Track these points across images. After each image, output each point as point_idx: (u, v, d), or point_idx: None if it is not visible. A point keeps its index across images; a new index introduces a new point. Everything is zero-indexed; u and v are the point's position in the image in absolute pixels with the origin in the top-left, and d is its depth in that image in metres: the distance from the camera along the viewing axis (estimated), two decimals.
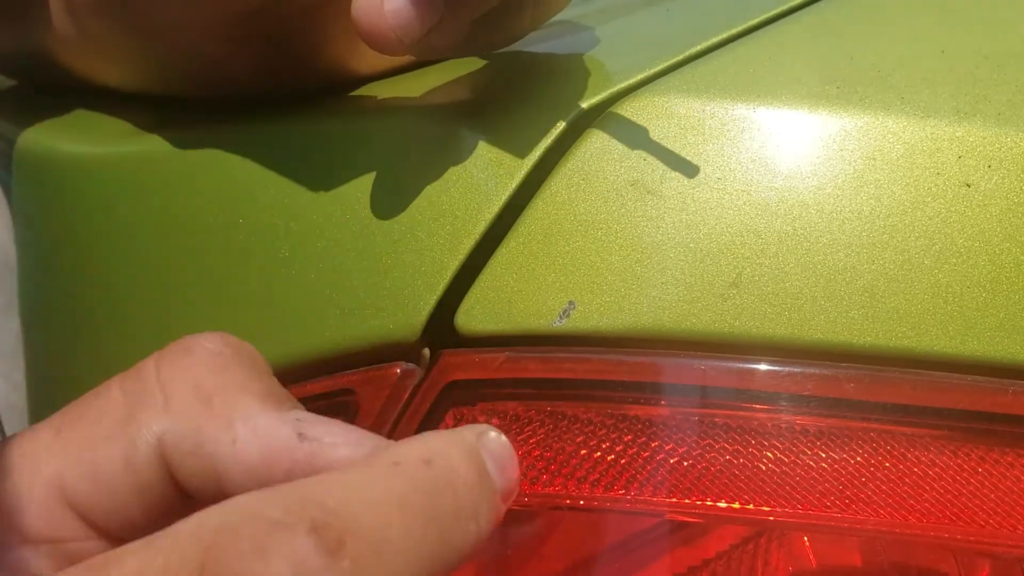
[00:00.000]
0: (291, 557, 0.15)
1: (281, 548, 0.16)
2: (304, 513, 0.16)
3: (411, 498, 0.18)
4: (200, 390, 0.20)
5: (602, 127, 0.26)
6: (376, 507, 0.17)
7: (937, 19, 0.30)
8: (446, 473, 0.18)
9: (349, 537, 0.16)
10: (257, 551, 0.15)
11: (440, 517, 0.18)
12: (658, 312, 0.25)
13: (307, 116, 0.32)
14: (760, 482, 0.24)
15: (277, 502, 0.16)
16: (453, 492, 0.18)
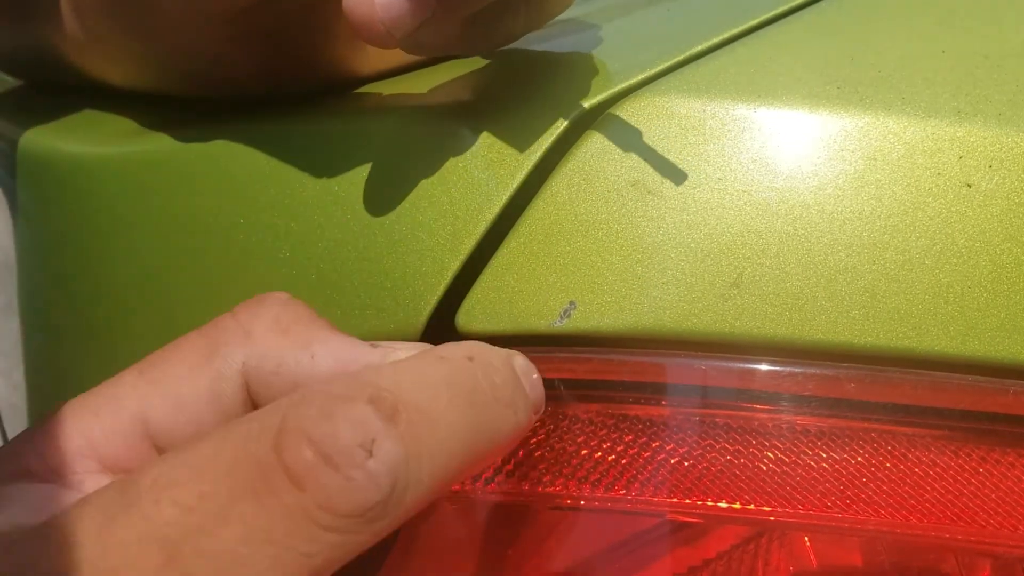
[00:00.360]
0: (353, 419, 0.18)
1: (344, 413, 0.18)
2: (363, 390, 0.18)
3: (456, 381, 0.20)
4: (278, 322, 0.22)
5: (603, 127, 0.26)
6: (425, 386, 0.19)
7: (938, 19, 0.30)
8: (485, 367, 0.21)
9: (402, 406, 0.19)
10: (325, 415, 0.18)
11: (481, 399, 0.20)
12: (659, 312, 0.25)
13: (307, 116, 0.32)
14: (761, 482, 0.24)
15: (340, 383, 0.19)
16: (491, 382, 0.21)
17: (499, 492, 0.26)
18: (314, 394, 0.18)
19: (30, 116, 0.41)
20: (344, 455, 0.17)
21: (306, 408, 0.18)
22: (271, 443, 0.17)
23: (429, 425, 0.19)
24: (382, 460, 0.18)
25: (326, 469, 0.17)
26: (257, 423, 0.18)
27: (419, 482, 0.18)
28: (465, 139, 0.28)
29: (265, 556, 0.17)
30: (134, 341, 0.34)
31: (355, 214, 0.28)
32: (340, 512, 0.17)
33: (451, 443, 0.19)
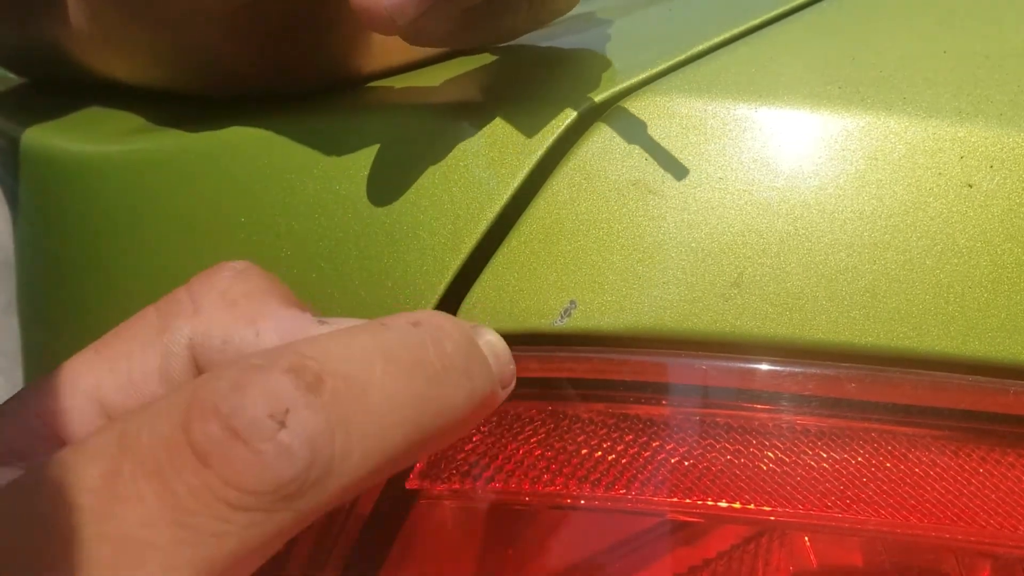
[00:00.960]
0: (265, 389, 0.16)
1: (256, 384, 0.17)
2: (282, 360, 0.17)
3: (396, 349, 0.18)
4: (226, 296, 0.21)
5: (604, 126, 0.26)
6: (359, 355, 0.18)
7: (939, 19, 0.30)
8: (433, 331, 0.19)
9: (328, 376, 0.17)
10: (235, 387, 0.16)
11: (428, 367, 0.19)
12: (659, 312, 0.25)
13: (308, 114, 0.32)
14: (761, 482, 0.24)
15: (260, 354, 0.17)
16: (440, 348, 0.19)
17: (499, 492, 0.26)
18: (228, 367, 0.17)
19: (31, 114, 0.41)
20: (251, 428, 0.16)
21: (216, 381, 0.17)
22: (178, 420, 0.16)
23: (359, 395, 0.17)
24: (296, 431, 0.16)
25: (233, 443, 0.16)
26: (167, 400, 0.17)
27: (348, 459, 0.17)
28: (466, 138, 0.28)
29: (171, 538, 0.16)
30: None
31: (356, 212, 0.28)
32: (248, 489, 0.16)
33: (390, 416, 0.18)
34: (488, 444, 0.26)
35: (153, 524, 0.16)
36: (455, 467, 0.26)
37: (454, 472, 0.26)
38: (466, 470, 0.26)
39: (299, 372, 0.17)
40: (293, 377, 0.17)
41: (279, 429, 0.16)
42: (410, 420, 0.18)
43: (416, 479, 0.26)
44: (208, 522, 0.16)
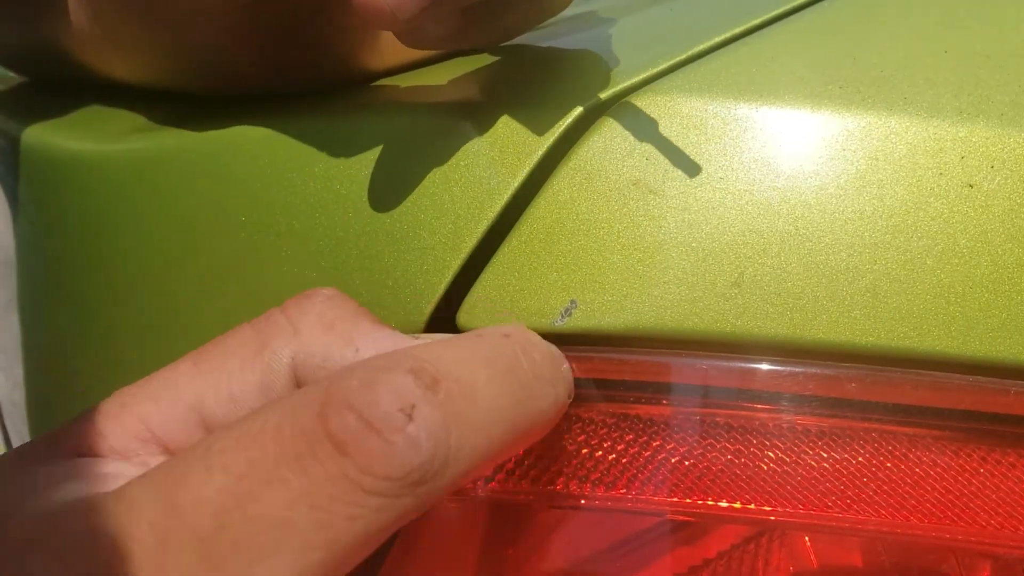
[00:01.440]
0: (393, 387, 0.19)
1: (385, 383, 0.19)
2: (404, 362, 0.19)
3: (495, 358, 0.21)
4: (323, 318, 0.23)
5: (604, 126, 0.26)
6: (465, 361, 0.20)
7: (940, 19, 0.30)
8: (523, 343, 0.22)
9: (443, 379, 0.19)
10: (366, 384, 0.18)
11: (522, 375, 0.21)
12: (660, 311, 0.25)
13: (308, 114, 0.32)
14: (761, 482, 0.24)
15: (381, 357, 0.20)
16: (531, 359, 0.21)
17: (500, 491, 0.26)
18: (356, 366, 0.19)
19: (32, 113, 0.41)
20: (384, 420, 0.18)
21: (348, 379, 0.19)
22: (315, 412, 0.18)
23: (469, 397, 0.19)
24: (421, 425, 0.18)
25: (368, 434, 0.18)
26: (302, 395, 0.19)
27: (461, 452, 0.19)
28: (467, 137, 0.28)
29: (310, 520, 0.17)
30: (135, 338, 0.34)
31: (356, 212, 0.28)
32: (381, 475, 0.18)
33: (492, 416, 0.20)
34: None
35: (295, 506, 0.18)
36: None
37: None
38: None
39: (418, 373, 0.19)
40: (414, 378, 0.19)
41: (408, 422, 0.18)
42: (508, 420, 0.20)
43: None
44: (343, 506, 0.18)
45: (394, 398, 0.18)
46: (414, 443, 0.18)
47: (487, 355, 0.21)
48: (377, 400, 0.18)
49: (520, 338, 0.22)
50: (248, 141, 0.31)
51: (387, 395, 0.18)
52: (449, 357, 0.20)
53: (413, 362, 0.19)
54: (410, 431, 0.18)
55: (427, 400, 0.19)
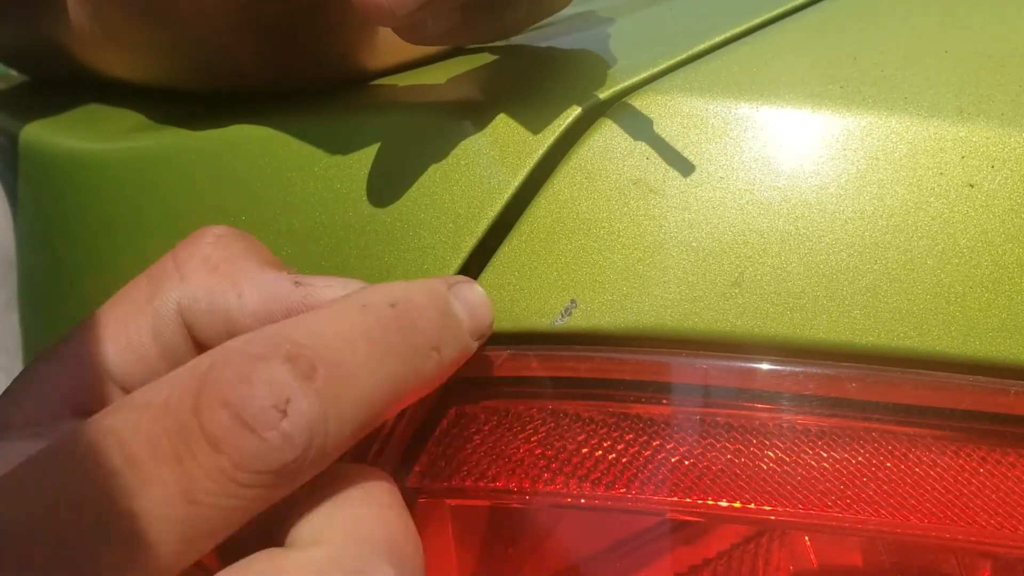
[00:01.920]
0: (268, 380, 0.18)
1: (261, 374, 0.18)
2: (280, 348, 0.19)
3: (375, 332, 0.21)
4: (208, 261, 0.24)
5: (605, 125, 0.26)
6: (344, 339, 0.20)
7: (940, 19, 0.30)
8: (408, 311, 0.21)
9: (320, 364, 0.19)
10: (241, 378, 0.18)
11: (401, 346, 0.21)
12: (660, 311, 0.25)
13: (308, 113, 0.32)
14: (761, 482, 0.24)
15: (258, 340, 0.19)
16: (414, 327, 0.21)
17: (499, 491, 0.26)
18: (232, 353, 0.19)
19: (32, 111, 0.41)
20: (258, 417, 0.18)
21: (222, 370, 0.19)
22: (190, 406, 0.18)
23: (347, 379, 0.20)
24: (296, 419, 0.18)
25: (242, 431, 0.18)
26: (178, 386, 0.19)
27: (339, 434, 0.19)
28: (467, 136, 0.28)
29: (189, 514, 0.18)
30: None
31: (357, 211, 0.28)
32: (256, 470, 0.18)
33: (371, 394, 0.20)
34: (488, 443, 0.26)
35: (174, 503, 0.18)
36: (456, 466, 0.26)
37: (455, 471, 0.26)
38: (467, 469, 0.26)
39: (295, 361, 0.19)
40: (291, 367, 0.19)
41: (282, 418, 0.18)
42: (387, 392, 0.21)
43: (416, 478, 0.26)
44: (222, 499, 0.18)
45: (268, 392, 0.18)
46: (288, 439, 0.18)
47: (368, 329, 0.21)
48: (252, 395, 0.18)
49: (406, 306, 0.21)
50: (249, 140, 0.31)
51: (261, 389, 0.18)
52: (330, 334, 0.20)
53: (291, 347, 0.19)
54: (284, 427, 0.18)
55: (303, 392, 0.19)
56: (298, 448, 0.18)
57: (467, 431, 0.26)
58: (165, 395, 0.19)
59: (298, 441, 0.18)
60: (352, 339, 0.20)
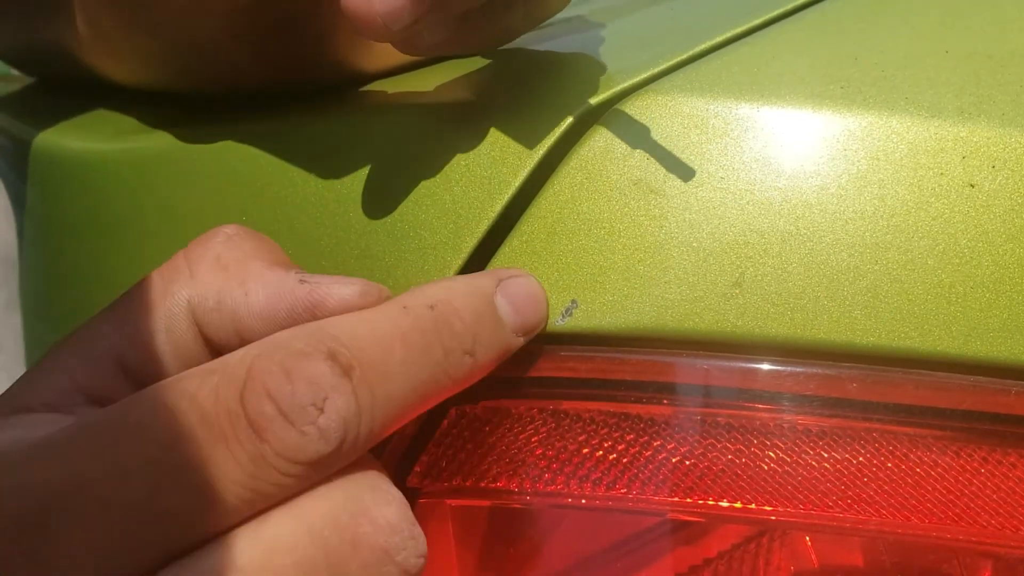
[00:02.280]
0: (310, 376, 0.20)
1: (302, 371, 0.20)
2: (322, 345, 0.20)
3: (412, 335, 0.22)
4: (219, 260, 0.25)
5: (606, 126, 0.26)
6: (382, 340, 0.21)
7: (941, 19, 0.30)
8: (446, 314, 0.23)
9: (357, 363, 0.21)
10: (284, 372, 0.20)
11: (436, 349, 0.22)
12: (661, 311, 0.25)
13: (310, 114, 0.32)
14: (762, 482, 0.24)
15: (301, 336, 0.21)
16: (451, 331, 0.22)
17: (500, 490, 0.26)
18: (277, 347, 0.20)
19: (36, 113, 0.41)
20: (299, 412, 0.20)
21: (267, 362, 0.20)
22: (236, 394, 0.20)
23: (382, 379, 0.21)
24: (333, 416, 0.20)
25: (284, 423, 0.19)
26: (228, 375, 0.20)
27: (371, 430, 0.21)
28: (468, 137, 0.28)
29: (230, 495, 0.19)
30: None
31: (357, 212, 0.28)
32: (295, 460, 0.20)
33: (404, 394, 0.21)
34: (489, 443, 0.26)
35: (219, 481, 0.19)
36: (456, 466, 0.26)
37: (455, 471, 0.26)
38: (467, 469, 0.26)
39: (335, 358, 0.20)
40: (330, 365, 0.20)
41: (320, 414, 0.20)
42: (419, 392, 0.22)
43: (417, 478, 0.26)
44: (261, 484, 0.19)
45: (309, 389, 0.20)
46: (324, 434, 0.20)
47: (405, 332, 0.22)
48: (293, 391, 0.20)
49: (445, 310, 0.23)
50: (250, 141, 0.31)
51: (303, 385, 0.20)
52: (369, 334, 0.21)
53: (331, 344, 0.20)
54: (321, 423, 0.20)
55: (341, 390, 0.20)
56: (333, 442, 0.20)
57: (468, 431, 0.26)
58: (215, 382, 0.20)
59: (333, 436, 0.20)
60: (390, 341, 0.21)
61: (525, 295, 0.25)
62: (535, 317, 0.25)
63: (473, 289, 0.24)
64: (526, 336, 0.25)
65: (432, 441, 0.26)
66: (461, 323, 0.23)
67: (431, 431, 0.26)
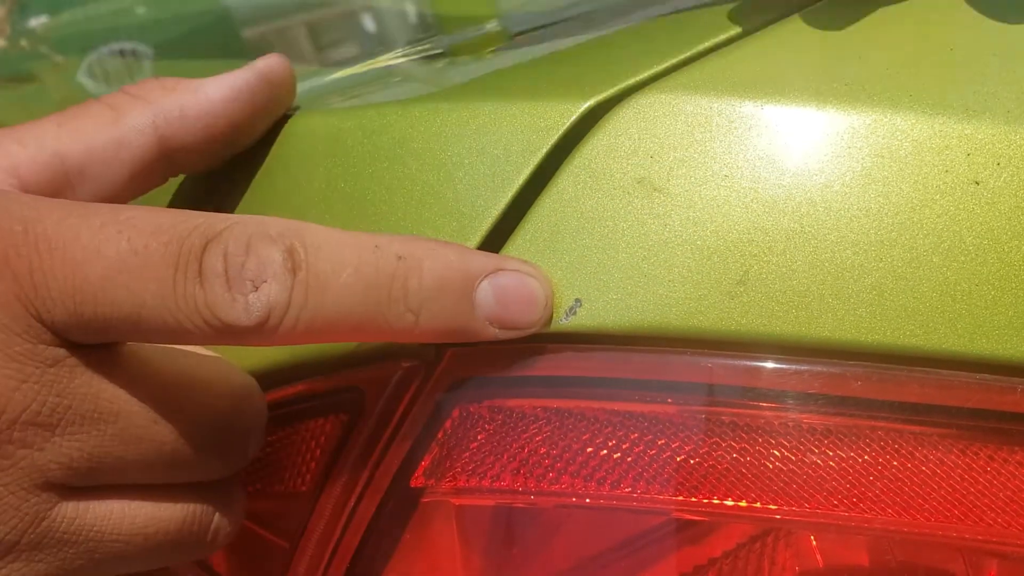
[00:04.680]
0: (262, 258, 0.22)
1: (259, 250, 0.22)
2: (287, 239, 0.23)
3: (366, 269, 0.23)
4: (164, 85, 0.29)
5: (609, 124, 0.26)
6: (338, 260, 0.23)
7: (945, 16, 0.30)
8: (407, 269, 0.24)
9: (306, 267, 0.22)
10: (246, 245, 0.22)
11: (380, 292, 0.23)
12: (665, 310, 0.25)
13: (313, 112, 0.32)
14: (767, 480, 0.24)
15: (277, 226, 0.23)
16: (403, 284, 0.23)
17: (504, 490, 0.26)
18: (256, 224, 0.23)
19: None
20: (238, 280, 0.22)
21: (241, 231, 0.22)
22: (204, 241, 0.22)
23: (320, 289, 0.23)
24: (262, 298, 0.22)
25: (223, 283, 0.22)
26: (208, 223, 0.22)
27: (291, 327, 0.22)
28: (471, 135, 0.28)
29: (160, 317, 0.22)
30: None
31: (361, 211, 0.28)
32: (215, 315, 0.22)
33: (335, 312, 0.23)
34: (493, 442, 0.26)
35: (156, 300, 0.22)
36: (460, 465, 0.26)
37: (459, 470, 0.26)
38: (471, 468, 0.26)
39: (291, 253, 0.22)
40: (284, 257, 0.22)
41: (253, 291, 0.22)
42: (350, 320, 0.23)
43: (421, 477, 0.26)
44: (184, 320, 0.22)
45: (256, 267, 0.22)
46: (248, 309, 0.22)
47: (362, 264, 0.23)
48: (244, 263, 0.22)
49: (410, 265, 0.24)
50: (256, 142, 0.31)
51: (253, 262, 0.22)
52: (329, 250, 0.23)
53: (294, 242, 0.23)
54: (250, 299, 0.22)
55: (280, 280, 0.22)
56: (252, 319, 0.22)
57: (472, 430, 0.26)
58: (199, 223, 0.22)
59: (254, 314, 0.22)
60: (345, 263, 0.23)
61: (515, 291, 0.25)
62: (521, 316, 0.25)
63: (456, 262, 0.24)
64: (504, 329, 0.25)
65: (436, 440, 0.26)
66: (417, 283, 0.24)
67: (435, 430, 0.26)
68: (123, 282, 0.22)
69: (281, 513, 0.29)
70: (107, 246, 0.22)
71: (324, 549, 0.27)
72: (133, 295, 0.22)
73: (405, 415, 0.26)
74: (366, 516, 0.27)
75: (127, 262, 0.22)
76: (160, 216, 0.23)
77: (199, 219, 0.23)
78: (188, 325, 0.22)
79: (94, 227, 0.22)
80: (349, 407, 0.28)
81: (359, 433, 0.27)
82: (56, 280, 0.21)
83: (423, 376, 0.26)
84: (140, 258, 0.22)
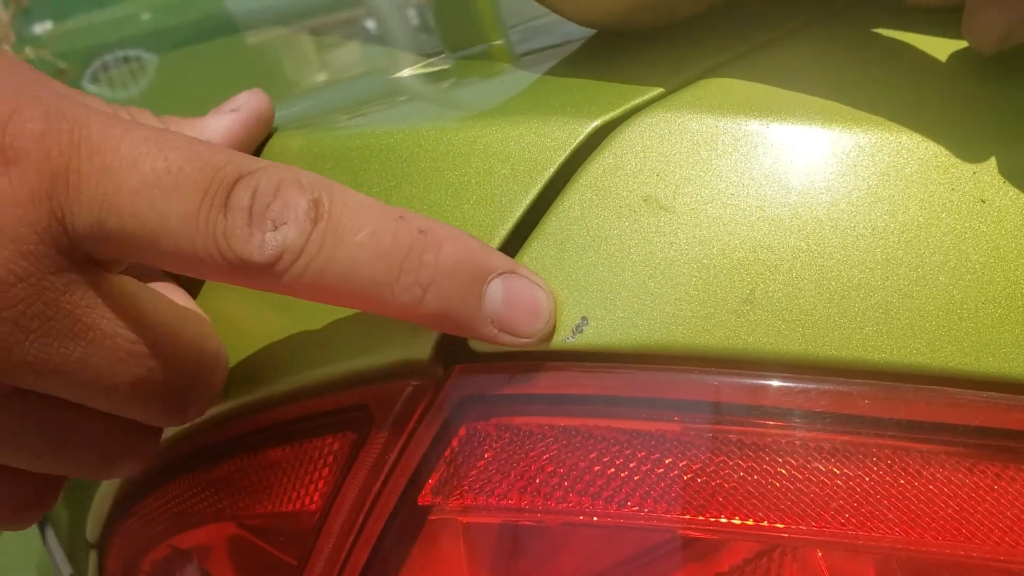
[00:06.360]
0: (288, 202, 0.23)
1: (287, 195, 0.23)
2: (316, 190, 0.23)
3: (385, 234, 0.23)
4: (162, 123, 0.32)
5: (615, 142, 0.26)
6: (360, 219, 0.23)
7: (953, 34, 0.30)
8: (426, 243, 0.24)
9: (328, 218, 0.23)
10: (276, 187, 0.23)
11: (393, 259, 0.23)
12: (671, 328, 0.25)
13: (320, 130, 0.32)
14: (774, 499, 0.24)
15: (310, 177, 0.24)
16: (419, 257, 0.24)
17: (512, 508, 0.26)
18: (289, 171, 0.23)
19: None
20: (260, 218, 0.23)
21: (274, 173, 0.23)
22: (237, 175, 0.23)
23: (336, 243, 0.23)
24: (279, 238, 0.23)
25: (245, 217, 0.22)
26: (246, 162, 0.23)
27: (299, 275, 0.23)
28: (478, 153, 0.28)
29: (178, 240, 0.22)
30: None
31: None
32: (230, 246, 0.22)
33: (344, 269, 0.23)
34: (500, 460, 0.26)
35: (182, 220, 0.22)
36: (467, 483, 0.26)
37: (467, 488, 0.26)
38: (479, 486, 0.26)
39: (316, 204, 0.23)
40: (309, 205, 0.23)
41: (272, 231, 0.23)
42: (356, 281, 0.23)
43: (429, 495, 0.26)
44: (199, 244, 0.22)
45: (280, 209, 0.23)
46: (262, 246, 0.22)
47: (382, 228, 0.23)
48: (270, 203, 0.23)
49: (429, 241, 0.24)
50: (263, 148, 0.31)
51: (278, 204, 0.23)
52: (354, 209, 0.23)
53: (321, 194, 0.23)
54: (267, 237, 0.22)
55: (300, 226, 0.23)
56: (264, 256, 0.22)
57: (479, 448, 0.26)
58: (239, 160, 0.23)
59: (267, 252, 0.22)
60: (365, 224, 0.23)
61: (524, 297, 0.25)
62: (524, 324, 0.25)
63: (476, 251, 0.25)
64: (503, 332, 0.25)
65: (443, 459, 0.26)
66: (434, 258, 0.24)
67: (442, 449, 0.26)
68: (151, 197, 0.22)
69: (289, 531, 0.29)
70: (144, 160, 0.22)
71: (332, 567, 0.27)
72: (158, 213, 0.22)
73: (413, 433, 0.27)
74: (374, 534, 0.27)
75: (160, 179, 0.22)
76: (200, 145, 0.23)
77: (237, 156, 0.23)
78: (202, 253, 0.22)
79: (136, 139, 0.22)
80: (357, 425, 0.28)
81: (367, 451, 0.27)
82: (89, 185, 0.22)
83: (431, 394, 0.27)
84: (173, 178, 0.22)
